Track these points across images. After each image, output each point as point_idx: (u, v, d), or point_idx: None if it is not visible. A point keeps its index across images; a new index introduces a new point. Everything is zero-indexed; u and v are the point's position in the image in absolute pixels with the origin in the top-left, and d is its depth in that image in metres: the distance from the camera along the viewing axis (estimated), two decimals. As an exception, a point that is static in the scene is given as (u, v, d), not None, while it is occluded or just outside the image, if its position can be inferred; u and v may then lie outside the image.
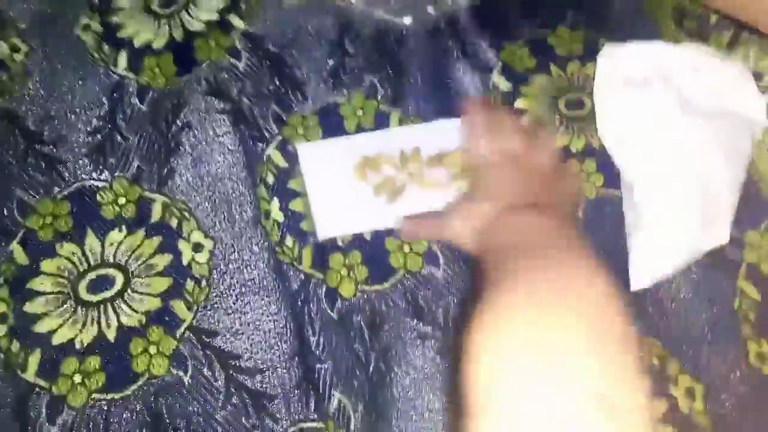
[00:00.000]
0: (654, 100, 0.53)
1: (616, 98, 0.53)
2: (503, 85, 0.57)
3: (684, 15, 0.58)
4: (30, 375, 0.47)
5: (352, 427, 0.47)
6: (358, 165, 0.53)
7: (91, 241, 0.51)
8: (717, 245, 0.51)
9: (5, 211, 0.52)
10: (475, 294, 0.35)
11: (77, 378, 0.47)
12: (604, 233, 0.53)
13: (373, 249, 0.52)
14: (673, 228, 0.51)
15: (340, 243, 0.52)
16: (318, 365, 0.48)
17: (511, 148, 0.48)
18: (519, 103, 0.56)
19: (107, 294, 0.49)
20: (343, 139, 0.55)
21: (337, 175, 0.53)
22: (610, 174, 0.54)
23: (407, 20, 0.59)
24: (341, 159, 0.53)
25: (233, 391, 0.48)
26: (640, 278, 0.51)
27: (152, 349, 0.48)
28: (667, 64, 0.54)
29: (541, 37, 0.59)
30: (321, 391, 0.48)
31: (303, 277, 0.51)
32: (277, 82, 0.57)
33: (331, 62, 0.58)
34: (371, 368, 0.48)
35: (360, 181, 0.53)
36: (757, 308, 0.51)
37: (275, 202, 0.53)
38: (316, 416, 0.47)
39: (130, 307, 0.49)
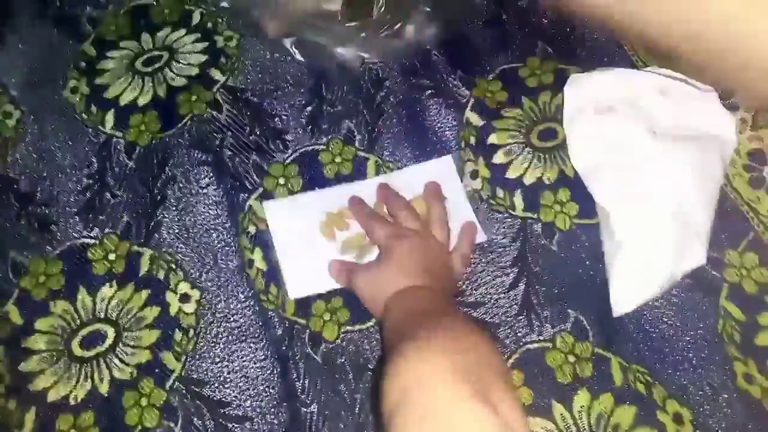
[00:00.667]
0: (623, 126, 0.54)
1: (585, 126, 0.54)
2: (475, 120, 0.58)
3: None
4: (26, 433, 0.49)
5: (339, 469, 0.48)
6: (324, 223, 0.54)
7: (83, 297, 0.53)
8: (695, 267, 0.51)
9: None
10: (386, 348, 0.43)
11: (72, 434, 0.49)
12: (580, 262, 0.53)
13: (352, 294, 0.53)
14: (650, 252, 0.51)
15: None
16: (304, 409, 0.49)
17: (414, 230, 0.52)
18: (492, 138, 0.57)
19: (100, 349, 0.51)
20: (309, 195, 0.56)
21: (305, 233, 0.54)
22: (584, 203, 0.54)
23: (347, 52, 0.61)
24: (308, 216, 0.54)
25: (224, 438, 0.49)
26: (622, 304, 0.51)
27: (143, 401, 0.49)
28: (634, 90, 0.55)
29: (513, 70, 0.61)
30: (309, 435, 0.49)
31: (287, 324, 0.52)
32: (257, 132, 0.59)
33: (309, 109, 0.60)
34: (357, 409, 0.49)
35: (328, 240, 0.54)
36: (741, 328, 0.51)
37: (258, 252, 0.54)
38: (305, 459, 0.48)
39: (121, 360, 0.51)
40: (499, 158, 0.57)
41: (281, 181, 0.57)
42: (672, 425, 0.48)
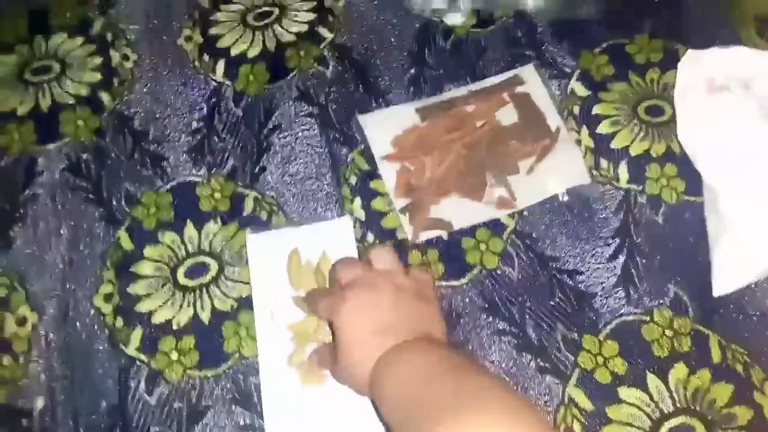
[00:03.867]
0: (735, 106, 0.53)
1: (697, 103, 0.53)
2: (581, 90, 0.58)
3: (765, 23, 0.58)
4: (132, 350, 0.51)
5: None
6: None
7: (190, 231, 0.55)
8: (804, 252, 0.50)
9: (114, 201, 0.57)
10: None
11: (174, 355, 0.51)
12: (684, 239, 0.52)
13: (450, 247, 0.53)
14: (756, 235, 0.50)
15: (419, 241, 0.54)
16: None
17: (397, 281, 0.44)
18: (597, 109, 0.57)
19: (203, 280, 0.53)
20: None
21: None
22: (691, 180, 0.54)
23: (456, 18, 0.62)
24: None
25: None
26: (724, 284, 0.50)
27: (242, 332, 0.51)
28: (749, 71, 0.54)
29: (620, 45, 0.60)
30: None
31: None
32: (361, 89, 0.61)
33: (412, 71, 0.61)
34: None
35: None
36: None
37: (357, 201, 0.56)
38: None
39: (222, 292, 0.53)
40: (604, 128, 0.56)
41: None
42: (770, 407, 0.47)
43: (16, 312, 0.53)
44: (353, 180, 0.56)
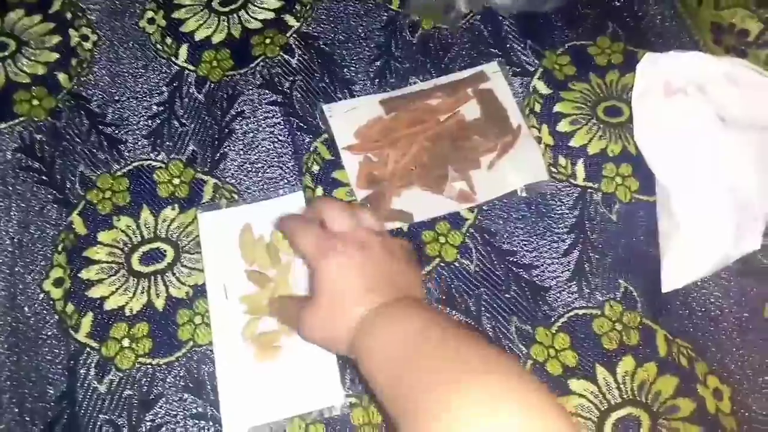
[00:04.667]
0: (691, 110, 0.54)
1: (653, 105, 0.55)
2: (542, 88, 0.59)
3: (722, 30, 0.60)
4: (82, 336, 0.50)
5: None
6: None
7: (146, 216, 0.54)
8: (749, 251, 0.52)
9: (68, 184, 0.55)
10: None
11: (125, 342, 0.50)
12: (635, 235, 0.54)
13: (410, 238, 0.54)
14: (707, 233, 0.52)
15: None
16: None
17: (357, 236, 0.43)
18: (558, 107, 0.58)
19: (158, 266, 0.52)
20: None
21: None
22: (644, 180, 0.55)
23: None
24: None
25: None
26: (673, 280, 0.52)
27: (197, 320, 0.50)
28: (706, 75, 0.55)
29: (582, 47, 0.62)
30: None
31: (343, 261, 0.53)
32: (327, 80, 0.60)
33: (378, 63, 0.61)
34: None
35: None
36: (788, 316, 0.51)
37: (319, 190, 0.55)
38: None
39: (178, 279, 0.52)
40: (563, 126, 0.58)
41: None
42: (711, 400, 0.48)
43: (-39, 295, 0.51)
44: (315, 169, 0.56)
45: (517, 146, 0.57)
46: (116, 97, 0.59)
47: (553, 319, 0.51)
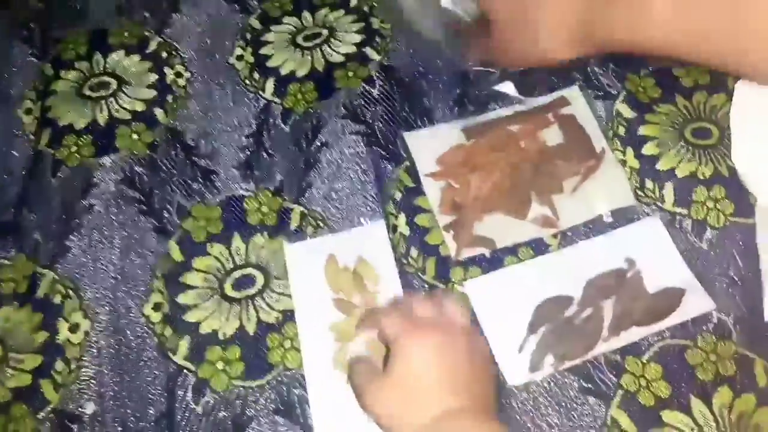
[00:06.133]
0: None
1: (754, 124, 0.53)
2: (626, 112, 0.58)
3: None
4: (180, 358, 0.52)
5: None
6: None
7: (238, 243, 0.56)
8: None
9: (165, 213, 0.58)
10: None
11: (220, 365, 0.52)
12: (733, 261, 0.52)
13: (492, 264, 0.54)
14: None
15: (461, 258, 0.54)
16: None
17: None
18: (642, 130, 0.57)
19: (249, 291, 0.54)
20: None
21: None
22: (739, 202, 0.53)
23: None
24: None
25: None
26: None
27: (287, 344, 0.52)
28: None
29: (666, 69, 0.60)
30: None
31: (427, 287, 0.53)
32: (407, 109, 0.62)
33: (457, 90, 0.62)
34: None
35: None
36: None
37: (402, 217, 0.56)
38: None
39: (268, 305, 0.54)
40: (649, 150, 0.56)
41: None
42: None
43: (70, 318, 0.55)
44: (398, 196, 0.57)
45: (601, 170, 0.56)
46: (209, 131, 0.63)
47: (643, 348, 0.50)
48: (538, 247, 0.54)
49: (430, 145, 0.59)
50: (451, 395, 0.40)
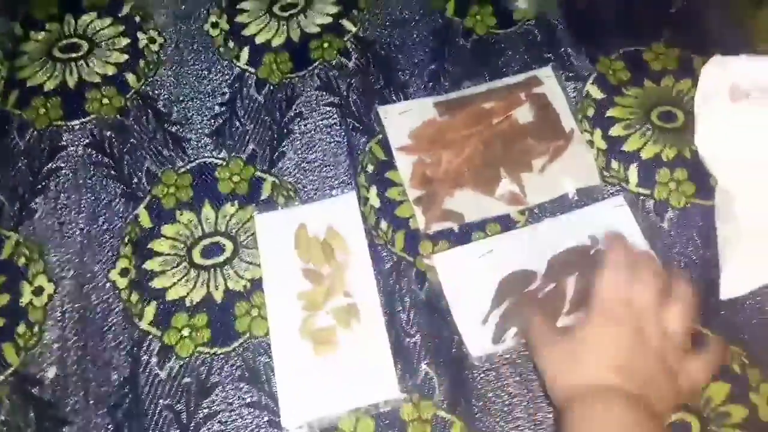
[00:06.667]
0: (756, 114, 0.54)
1: (718, 109, 0.54)
2: (596, 93, 0.59)
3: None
4: (145, 324, 0.52)
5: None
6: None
7: (207, 211, 0.56)
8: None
9: (135, 179, 0.58)
10: None
11: (186, 331, 0.52)
12: (692, 241, 0.53)
13: (460, 238, 0.55)
14: (768, 241, 0.51)
15: (430, 232, 0.55)
16: (408, 339, 0.51)
17: (642, 302, 0.42)
18: (611, 112, 0.58)
19: (218, 259, 0.54)
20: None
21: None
22: (701, 184, 0.55)
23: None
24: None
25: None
26: (733, 287, 0.51)
27: (254, 312, 0.52)
28: (770, 80, 0.55)
29: (636, 52, 0.62)
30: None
31: (395, 258, 0.54)
32: (382, 82, 0.62)
33: (432, 66, 0.63)
34: (454, 342, 0.51)
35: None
36: None
37: (373, 190, 0.57)
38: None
39: (236, 273, 0.54)
40: (616, 131, 0.58)
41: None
42: (765, 407, 0.47)
43: (34, 282, 0.54)
44: (370, 169, 0.58)
45: (570, 150, 0.57)
46: (181, 98, 0.62)
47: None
48: (505, 223, 0.55)
49: (403, 119, 0.59)
50: (616, 375, 0.40)
